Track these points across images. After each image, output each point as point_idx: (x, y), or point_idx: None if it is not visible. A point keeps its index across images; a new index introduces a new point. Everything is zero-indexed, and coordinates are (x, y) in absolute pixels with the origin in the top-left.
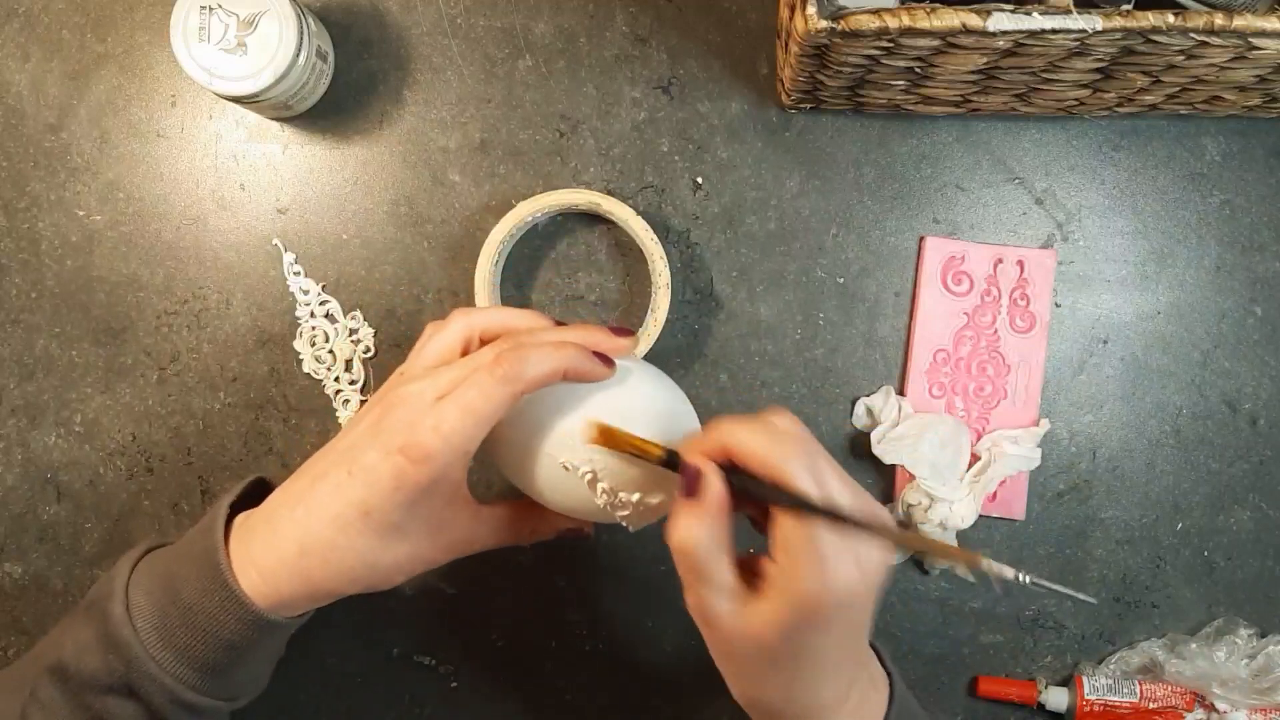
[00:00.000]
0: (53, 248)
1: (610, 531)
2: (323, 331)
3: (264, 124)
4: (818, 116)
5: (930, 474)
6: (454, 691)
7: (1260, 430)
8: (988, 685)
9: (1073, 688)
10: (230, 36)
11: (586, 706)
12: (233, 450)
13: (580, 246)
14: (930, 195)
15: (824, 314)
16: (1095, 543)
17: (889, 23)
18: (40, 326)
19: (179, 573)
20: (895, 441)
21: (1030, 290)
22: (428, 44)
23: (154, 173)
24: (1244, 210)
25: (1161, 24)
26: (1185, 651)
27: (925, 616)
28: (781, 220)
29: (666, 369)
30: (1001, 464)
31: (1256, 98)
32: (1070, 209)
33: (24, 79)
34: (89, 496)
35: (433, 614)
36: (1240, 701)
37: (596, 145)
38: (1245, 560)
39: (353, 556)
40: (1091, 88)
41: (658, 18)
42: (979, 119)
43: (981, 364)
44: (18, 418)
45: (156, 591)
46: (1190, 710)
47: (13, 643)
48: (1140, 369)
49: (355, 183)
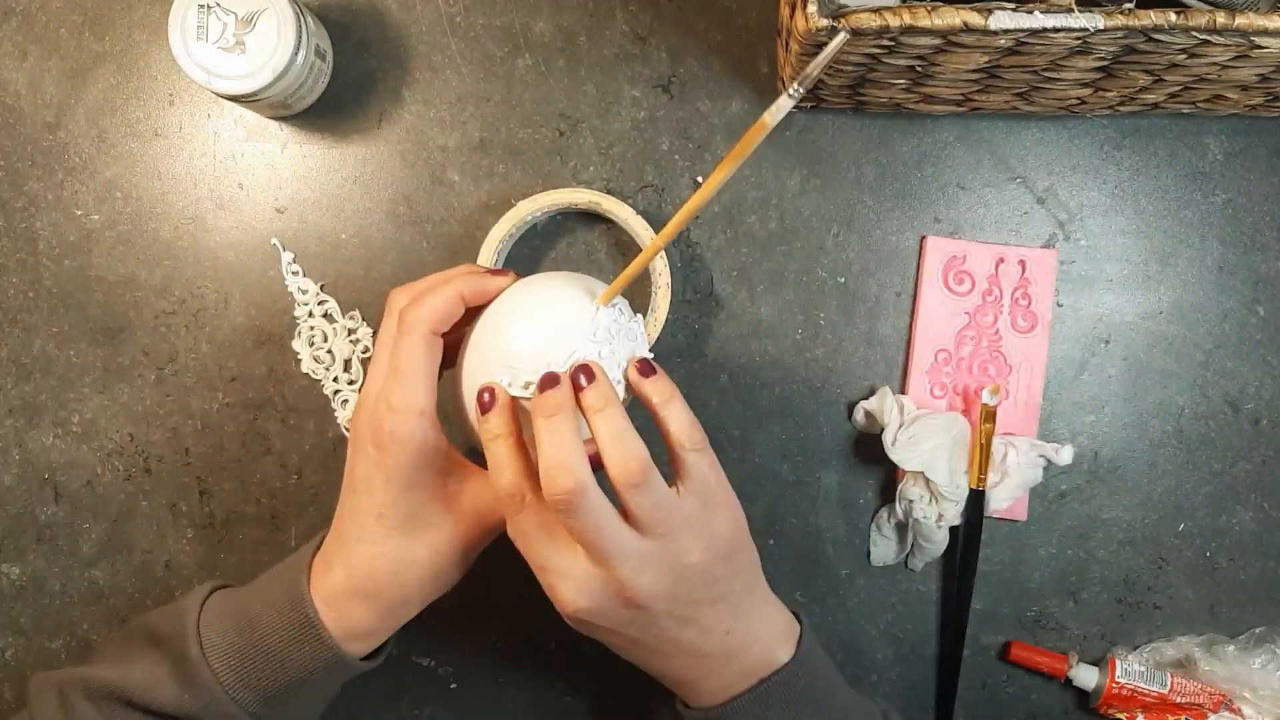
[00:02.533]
0: (50, 247)
1: None
2: (321, 331)
3: (262, 123)
4: (819, 115)
5: (946, 479)
6: (454, 692)
7: (1263, 430)
8: (1019, 651)
9: (1104, 668)
10: (228, 35)
11: (586, 706)
12: (231, 450)
13: (580, 246)
14: (931, 194)
15: (825, 314)
16: (1097, 543)
17: (890, 21)
18: (38, 326)
19: (259, 618)
20: (910, 445)
21: (1032, 290)
22: (427, 43)
23: (152, 172)
24: (1246, 209)
25: (1163, 23)
26: (1222, 653)
27: (926, 617)
28: (782, 220)
29: (666, 369)
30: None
31: (1259, 97)
32: (1072, 208)
33: (21, 78)
34: (87, 497)
35: (433, 614)
36: (1269, 710)
37: (596, 144)
38: (1248, 561)
39: (390, 560)
40: (1093, 86)
41: (658, 16)
42: (980, 118)
43: (983, 364)
44: (15, 418)
45: (233, 634)
46: (1215, 711)
47: (10, 643)
48: (1142, 369)
49: (354, 182)
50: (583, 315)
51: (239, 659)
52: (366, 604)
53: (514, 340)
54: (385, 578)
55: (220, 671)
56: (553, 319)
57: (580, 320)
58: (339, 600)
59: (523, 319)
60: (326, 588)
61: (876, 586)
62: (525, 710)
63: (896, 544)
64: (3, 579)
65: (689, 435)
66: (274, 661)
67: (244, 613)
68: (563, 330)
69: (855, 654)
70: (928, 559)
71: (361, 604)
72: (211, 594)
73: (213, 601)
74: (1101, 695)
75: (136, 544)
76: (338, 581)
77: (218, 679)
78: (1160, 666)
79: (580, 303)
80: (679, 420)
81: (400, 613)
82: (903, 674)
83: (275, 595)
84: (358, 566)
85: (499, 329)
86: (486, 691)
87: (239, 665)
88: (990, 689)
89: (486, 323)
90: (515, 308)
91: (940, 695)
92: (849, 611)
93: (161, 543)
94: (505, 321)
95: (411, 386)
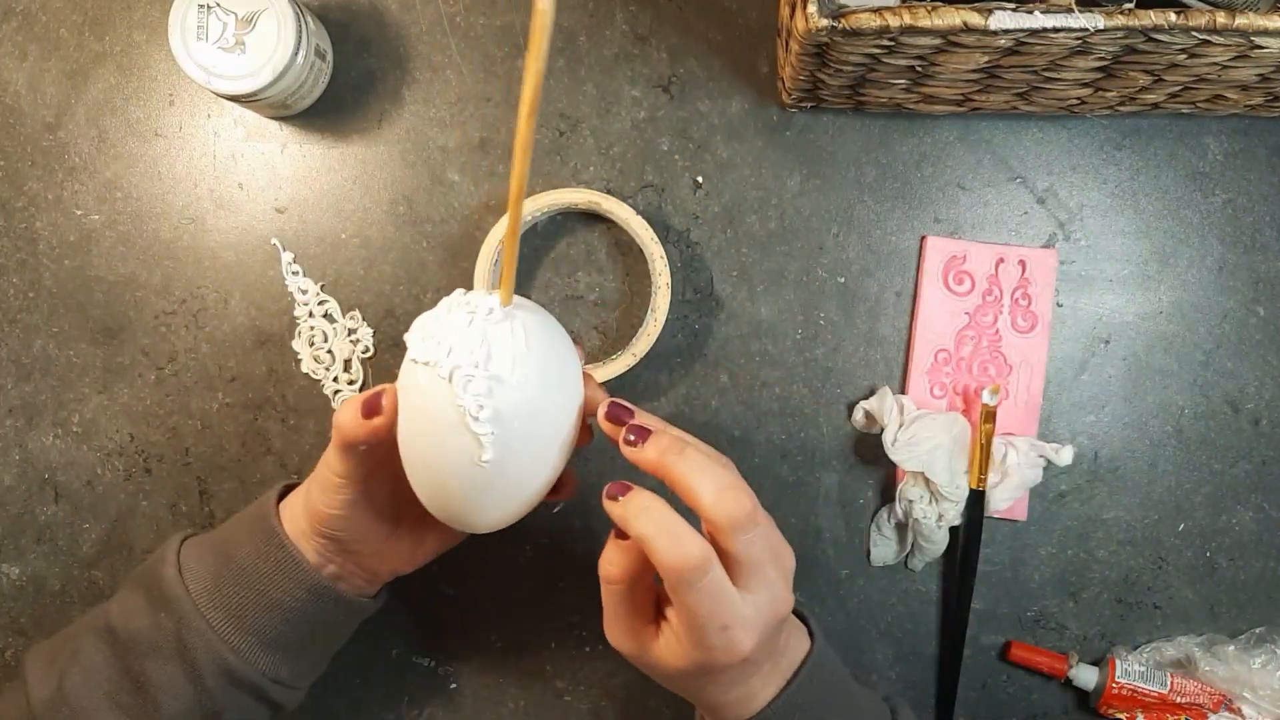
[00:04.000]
0: (50, 247)
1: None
2: (321, 331)
3: (262, 123)
4: (818, 115)
5: (947, 479)
6: (454, 692)
7: (1263, 430)
8: (1019, 651)
9: (1104, 668)
10: (228, 35)
11: (586, 706)
12: (231, 450)
13: (580, 246)
14: (931, 194)
15: (825, 314)
16: (1097, 543)
17: (890, 21)
18: (38, 326)
19: (232, 539)
20: (910, 446)
21: (1032, 290)
22: (427, 43)
23: (152, 172)
24: (1246, 210)
25: (1163, 23)
26: (1222, 653)
27: (926, 618)
28: (782, 219)
29: (667, 369)
30: (1026, 475)
31: (1259, 96)
32: (1072, 208)
33: (21, 78)
34: (87, 497)
35: (433, 614)
36: (1269, 710)
37: (596, 144)
38: (1248, 561)
39: (316, 492)
40: (1093, 86)
41: (658, 16)
42: (980, 118)
43: (983, 364)
44: (15, 418)
45: (209, 557)
46: (1215, 711)
47: (10, 644)
48: (1142, 369)
49: (354, 182)
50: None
51: (214, 581)
52: (314, 530)
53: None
54: (318, 510)
55: (194, 590)
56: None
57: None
58: (302, 533)
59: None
60: (291, 521)
61: (876, 586)
62: (525, 710)
63: (896, 544)
64: (3, 579)
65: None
66: (245, 578)
67: (218, 540)
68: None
69: (855, 654)
70: (928, 559)
71: (310, 530)
72: (192, 535)
73: (191, 540)
74: (1101, 695)
75: (136, 544)
76: (298, 512)
77: (190, 595)
78: (1160, 666)
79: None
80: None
81: (358, 551)
82: (903, 674)
83: (246, 521)
84: (312, 497)
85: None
86: (486, 691)
87: (214, 586)
88: (990, 689)
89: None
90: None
91: (940, 695)
92: (849, 611)
93: (161, 543)
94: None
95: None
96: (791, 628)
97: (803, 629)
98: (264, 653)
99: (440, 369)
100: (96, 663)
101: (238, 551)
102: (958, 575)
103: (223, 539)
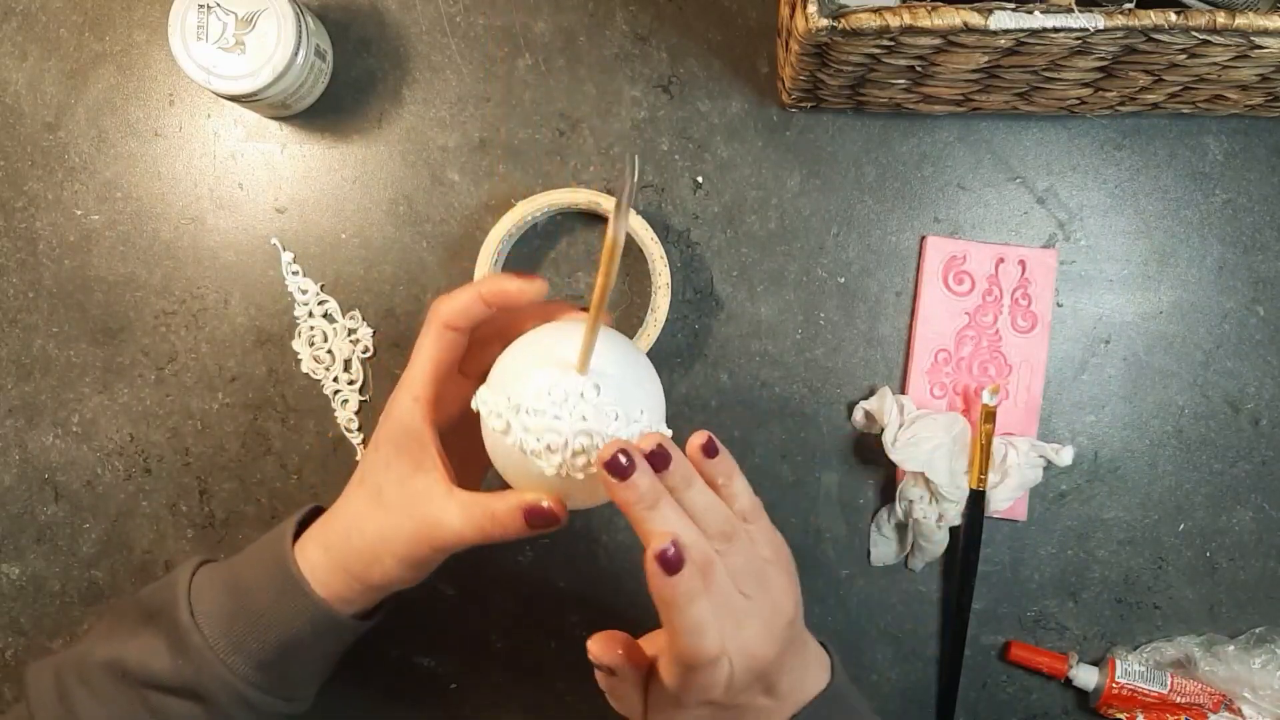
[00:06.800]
0: (50, 247)
1: (611, 533)
2: (321, 331)
3: (262, 123)
4: (818, 115)
5: (947, 479)
6: (454, 692)
7: (1263, 430)
8: (1019, 651)
9: (1104, 668)
10: (228, 35)
11: (586, 707)
12: (231, 450)
13: (580, 246)
14: (931, 194)
15: (825, 314)
16: (1097, 543)
17: (890, 21)
18: (38, 326)
19: (246, 580)
20: (910, 446)
21: (1032, 290)
22: (426, 43)
23: (152, 172)
24: (1246, 210)
25: (1163, 23)
26: (1222, 653)
27: (926, 617)
28: (782, 219)
29: (667, 369)
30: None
31: (1259, 96)
32: (1072, 208)
33: (21, 78)
34: (87, 497)
35: (433, 615)
36: (1269, 710)
37: (596, 144)
38: (1248, 561)
39: (347, 518)
40: (1093, 86)
41: (658, 16)
42: (980, 118)
43: (983, 364)
44: (15, 418)
45: (222, 598)
46: (1215, 711)
47: (10, 643)
48: (1142, 369)
49: (354, 182)
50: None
51: (229, 623)
52: (328, 556)
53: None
54: (348, 540)
55: (211, 636)
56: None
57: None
58: (318, 566)
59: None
60: (305, 551)
61: (876, 586)
62: (525, 710)
63: (896, 544)
64: (3, 579)
65: (751, 508)
66: (262, 622)
67: (232, 578)
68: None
69: (855, 654)
70: (928, 559)
71: (324, 555)
72: (200, 567)
73: (202, 572)
74: (1101, 695)
75: (136, 544)
76: (314, 543)
77: (209, 644)
78: (1160, 666)
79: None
80: (745, 495)
81: (367, 577)
82: (903, 674)
83: (261, 557)
84: (331, 526)
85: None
86: (486, 691)
87: (229, 629)
88: (990, 689)
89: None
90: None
91: (940, 695)
92: (849, 611)
93: (161, 543)
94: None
95: (411, 371)
96: (805, 666)
97: (823, 664)
98: (282, 684)
99: (551, 461)
100: (110, 692)
101: (255, 595)
102: (958, 575)
103: (236, 580)
